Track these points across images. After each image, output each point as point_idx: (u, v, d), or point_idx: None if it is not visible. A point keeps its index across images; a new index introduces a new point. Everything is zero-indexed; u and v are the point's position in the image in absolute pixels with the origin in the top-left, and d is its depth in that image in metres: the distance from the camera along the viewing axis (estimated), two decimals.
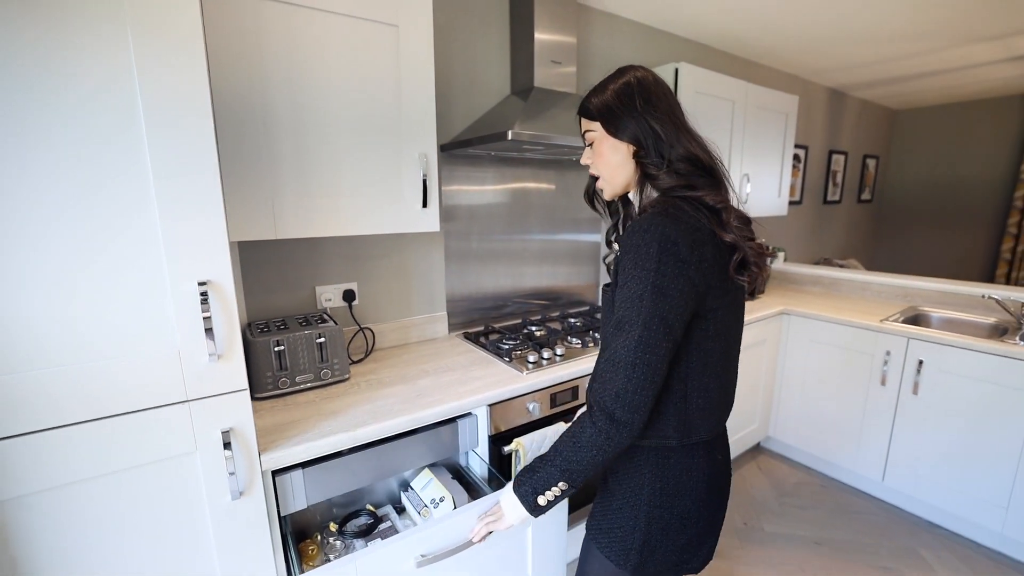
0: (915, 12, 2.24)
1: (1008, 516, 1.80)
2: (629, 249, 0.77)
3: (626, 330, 0.75)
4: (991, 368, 1.80)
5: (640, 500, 0.87)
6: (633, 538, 0.88)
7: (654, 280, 0.74)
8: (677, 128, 0.83)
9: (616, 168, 0.87)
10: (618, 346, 0.76)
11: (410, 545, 0.88)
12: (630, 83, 0.84)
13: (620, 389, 0.74)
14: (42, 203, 0.75)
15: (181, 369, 0.88)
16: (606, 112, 0.85)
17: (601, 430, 0.76)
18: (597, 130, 0.87)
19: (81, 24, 0.74)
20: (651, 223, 0.76)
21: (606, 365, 0.77)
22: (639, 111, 0.82)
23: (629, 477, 0.88)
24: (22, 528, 0.80)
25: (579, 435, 0.78)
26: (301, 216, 1.22)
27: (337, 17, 1.19)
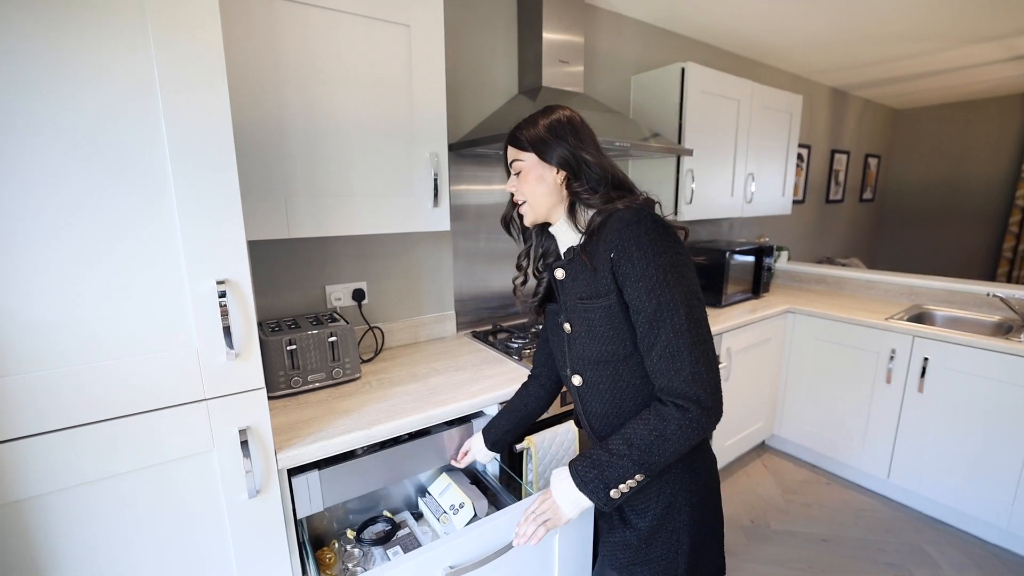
0: (917, 13, 2.24)
1: (1014, 513, 1.81)
2: (627, 245, 0.78)
3: (667, 316, 0.75)
4: (997, 366, 1.81)
5: (679, 523, 0.86)
6: (677, 565, 0.86)
7: (669, 259, 0.76)
8: (601, 160, 0.88)
9: (544, 195, 0.90)
10: (668, 333, 0.75)
11: (439, 556, 0.84)
12: (561, 120, 0.89)
13: (693, 372, 0.74)
14: (67, 204, 0.75)
15: (199, 368, 0.89)
16: (539, 143, 0.88)
17: (692, 419, 0.74)
18: (527, 159, 0.90)
19: (105, 28, 0.74)
20: (635, 215, 0.79)
21: (663, 356, 0.75)
22: (570, 144, 0.87)
23: (664, 508, 0.86)
24: (43, 527, 0.80)
25: (662, 428, 0.75)
26: (314, 215, 1.22)
27: (349, 17, 1.19)
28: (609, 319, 0.83)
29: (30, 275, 0.74)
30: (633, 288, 0.78)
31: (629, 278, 0.78)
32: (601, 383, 0.89)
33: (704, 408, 0.74)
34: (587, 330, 0.87)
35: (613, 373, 0.87)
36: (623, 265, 0.78)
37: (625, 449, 0.77)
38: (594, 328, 0.86)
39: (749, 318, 2.18)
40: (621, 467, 0.77)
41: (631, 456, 0.77)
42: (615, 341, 0.84)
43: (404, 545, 1.22)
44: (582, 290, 0.87)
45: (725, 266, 2.31)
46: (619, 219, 0.81)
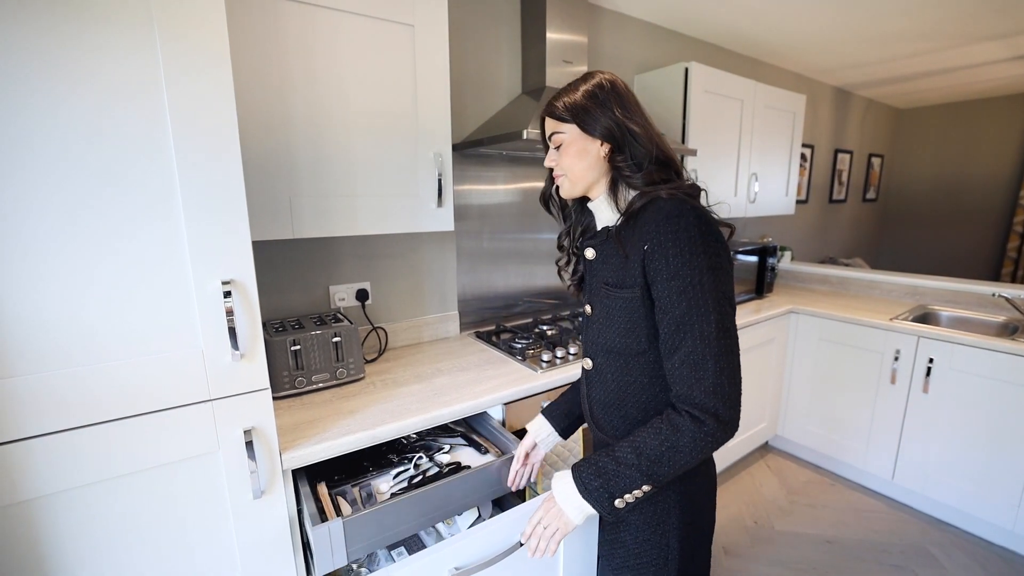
0: (920, 12, 2.23)
1: (1020, 515, 1.80)
2: (664, 239, 0.73)
3: (696, 321, 0.71)
4: (1002, 366, 1.80)
5: (669, 528, 0.84)
6: (667, 568, 0.85)
7: (707, 261, 0.71)
8: (649, 131, 0.82)
9: (586, 170, 0.84)
10: (694, 339, 0.71)
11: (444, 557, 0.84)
12: (603, 85, 0.82)
13: (715, 384, 0.70)
14: (71, 205, 0.75)
15: (204, 368, 0.89)
16: (581, 112, 0.82)
17: (708, 432, 0.70)
18: (567, 131, 0.84)
19: (110, 28, 0.74)
20: (680, 207, 0.74)
21: (685, 363, 0.72)
22: (615, 113, 0.80)
23: (653, 507, 0.84)
24: (49, 527, 0.80)
25: (675, 439, 0.71)
26: (318, 216, 1.22)
27: (353, 17, 1.19)
28: (629, 311, 0.79)
29: (35, 276, 0.74)
30: (664, 286, 0.73)
31: (661, 275, 0.73)
32: (608, 372, 0.86)
33: (722, 423, 0.70)
34: (605, 316, 0.84)
35: (622, 366, 0.84)
36: (656, 260, 0.73)
37: (633, 458, 0.74)
38: (612, 317, 0.82)
39: (752, 318, 2.18)
40: (628, 477, 0.74)
41: (639, 466, 0.73)
42: (630, 335, 0.80)
43: (408, 546, 1.22)
44: (609, 275, 0.83)
45: None
46: (659, 209, 0.76)
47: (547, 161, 0.89)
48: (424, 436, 1.33)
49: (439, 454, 1.23)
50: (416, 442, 1.30)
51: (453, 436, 1.33)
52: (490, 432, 1.31)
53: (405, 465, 1.19)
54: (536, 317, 2.05)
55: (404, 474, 1.16)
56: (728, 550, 1.91)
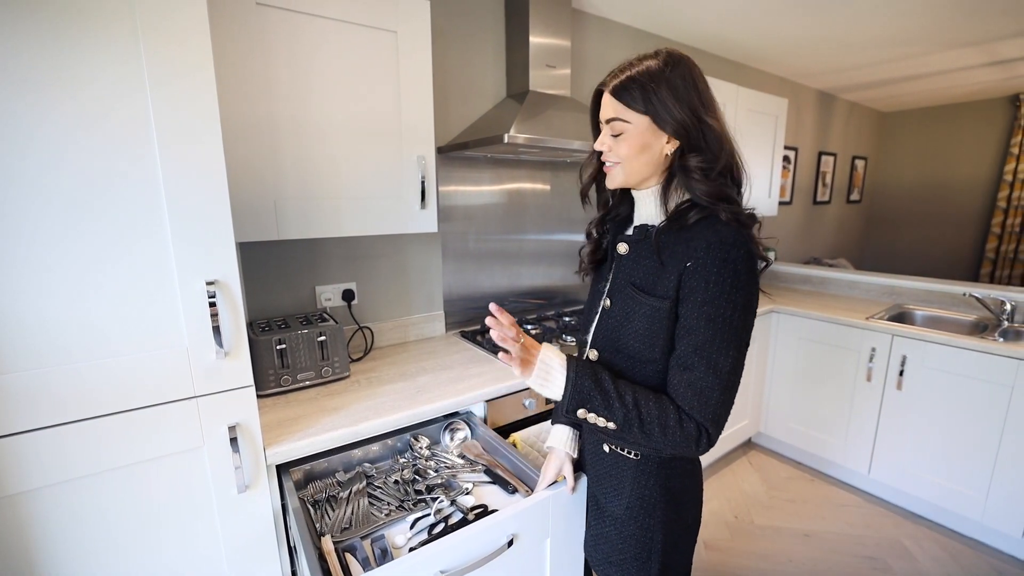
0: (899, 18, 2.30)
1: (987, 506, 1.87)
2: (710, 264, 0.70)
3: (714, 354, 0.71)
4: (971, 363, 1.86)
5: (654, 522, 0.84)
6: (651, 563, 0.85)
7: (744, 300, 0.71)
8: (723, 127, 0.76)
9: (645, 164, 0.77)
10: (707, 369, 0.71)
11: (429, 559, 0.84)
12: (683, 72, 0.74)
13: (716, 413, 0.72)
14: (57, 208, 0.77)
15: (189, 366, 0.91)
16: (655, 101, 0.73)
17: (696, 443, 0.73)
18: (635, 122, 0.75)
19: (95, 36, 0.77)
20: (736, 238, 0.71)
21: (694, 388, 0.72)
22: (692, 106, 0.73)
23: (640, 499, 0.84)
24: (37, 521, 0.83)
25: (670, 427, 0.73)
26: (303, 217, 1.25)
27: (338, 24, 1.22)
28: (651, 321, 0.77)
29: (24, 277, 0.77)
30: (695, 309, 0.72)
31: (696, 296, 0.72)
32: (612, 369, 0.84)
33: (709, 444, 0.74)
34: (624, 317, 0.82)
35: (628, 368, 0.82)
36: (695, 280, 0.72)
37: (630, 403, 0.74)
38: (632, 320, 0.80)
39: None
40: (611, 408, 0.74)
41: (627, 412, 0.74)
42: (645, 342, 0.79)
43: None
44: (639, 277, 0.80)
45: None
46: (715, 231, 0.72)
47: (598, 143, 0.81)
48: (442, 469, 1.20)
49: (461, 495, 1.09)
50: (435, 479, 1.15)
51: (475, 471, 1.19)
52: (513, 464, 1.17)
53: (424, 509, 1.05)
54: (522, 317, 2.09)
55: (423, 521, 1.02)
56: (708, 544, 1.96)
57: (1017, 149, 3.92)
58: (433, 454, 1.26)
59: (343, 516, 1.03)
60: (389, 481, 1.16)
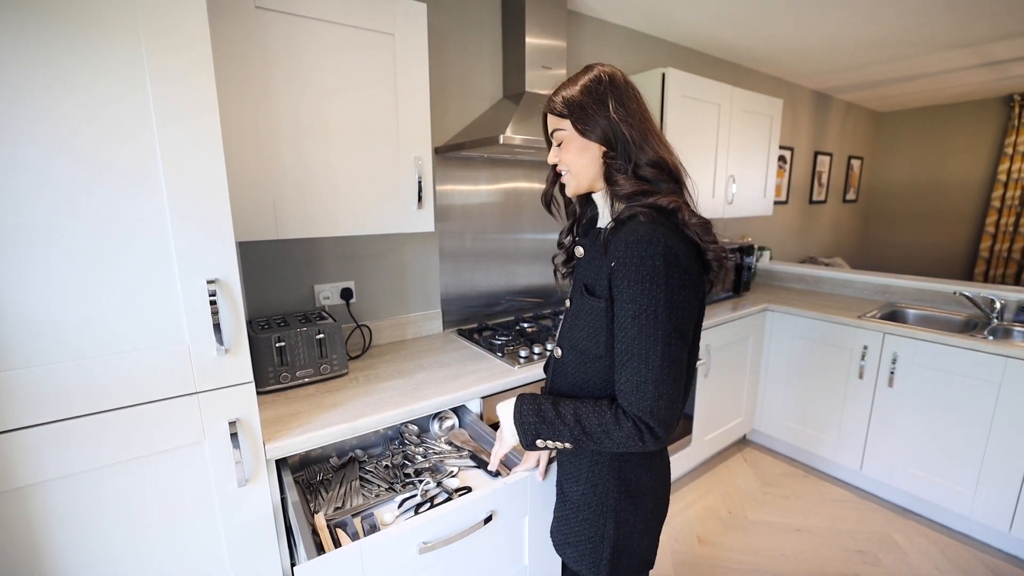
0: (893, 19, 2.32)
1: (975, 501, 1.90)
2: (631, 262, 0.74)
3: (642, 348, 0.74)
4: (960, 361, 1.89)
5: (606, 508, 0.88)
6: (603, 547, 0.89)
7: (665, 294, 0.73)
8: (647, 132, 0.81)
9: (587, 166, 0.85)
10: (639, 363, 0.75)
11: (413, 533, 0.91)
12: (601, 80, 0.81)
13: (652, 406, 0.75)
14: (59, 207, 0.80)
15: (190, 363, 0.94)
16: (578, 111, 0.82)
17: (641, 439, 0.76)
18: (567, 128, 0.84)
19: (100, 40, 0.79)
20: (651, 235, 0.74)
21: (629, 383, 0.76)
22: (610, 112, 0.79)
23: (593, 486, 0.89)
24: (43, 512, 0.85)
25: (613, 429, 0.77)
26: (301, 217, 1.27)
27: (335, 27, 1.24)
28: (593, 319, 0.83)
29: (27, 274, 0.79)
30: (621, 308, 0.77)
31: (621, 295, 0.76)
32: (570, 367, 0.90)
33: (655, 437, 0.76)
34: (575, 315, 0.88)
35: (583, 364, 0.88)
36: (619, 280, 0.76)
37: (572, 420, 0.80)
38: (580, 318, 0.87)
39: (729, 316, 2.25)
40: (558, 432, 0.82)
41: (572, 429, 0.80)
42: (591, 339, 0.84)
43: None
44: (589, 278, 0.86)
45: None
46: (632, 231, 0.76)
47: (550, 157, 0.90)
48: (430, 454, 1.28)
49: (447, 478, 1.17)
50: (422, 463, 1.23)
51: (461, 456, 1.27)
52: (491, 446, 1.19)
53: (411, 491, 1.13)
54: (518, 315, 2.11)
55: (410, 501, 1.09)
56: (702, 539, 1.98)
57: (1011, 149, 3.95)
58: (422, 441, 1.34)
59: (336, 496, 1.12)
60: (380, 466, 1.25)
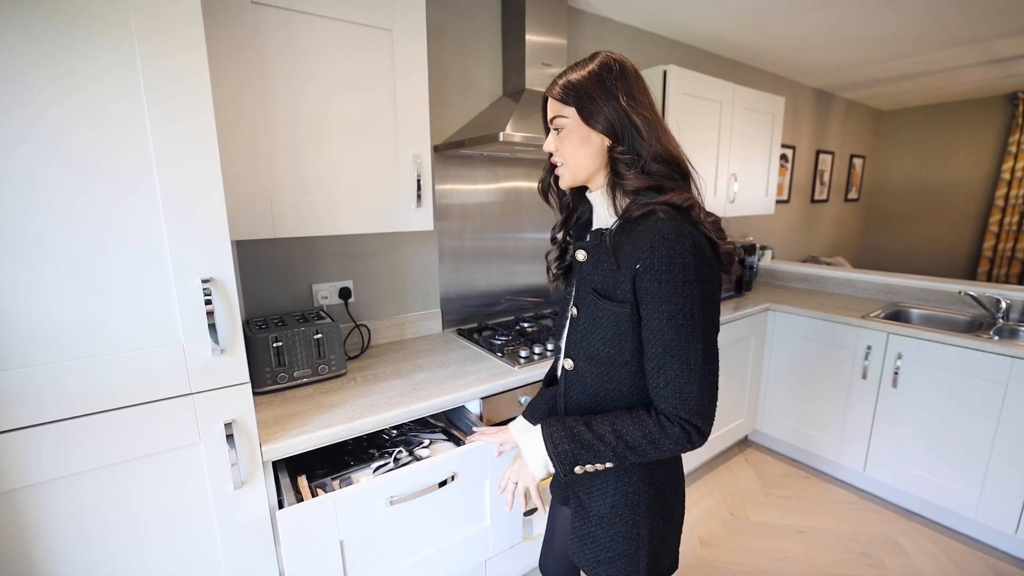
0: (895, 16, 2.30)
1: (981, 503, 1.88)
2: (658, 263, 0.72)
3: (683, 348, 0.73)
4: (965, 361, 1.87)
5: (639, 518, 0.85)
6: (639, 558, 0.85)
7: (700, 290, 0.72)
8: (656, 125, 0.78)
9: (586, 159, 0.81)
10: (680, 365, 0.73)
11: (383, 486, 1.06)
12: (611, 68, 0.77)
13: (699, 405, 0.74)
14: (52, 205, 0.78)
15: (185, 363, 0.92)
16: (584, 98, 0.77)
17: (690, 441, 0.74)
18: (570, 116, 0.80)
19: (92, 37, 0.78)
20: (678, 232, 0.72)
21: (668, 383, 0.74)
22: (620, 102, 0.76)
23: (624, 496, 0.85)
24: (35, 515, 0.84)
25: (658, 438, 0.75)
26: (298, 215, 1.26)
27: (333, 22, 1.22)
28: (616, 324, 0.78)
29: (20, 274, 0.77)
30: (654, 310, 0.73)
31: (652, 297, 0.73)
32: (589, 377, 0.85)
33: (702, 435, 0.75)
34: (592, 324, 0.82)
35: (604, 373, 0.83)
36: (648, 282, 0.73)
37: (612, 438, 0.77)
38: (599, 325, 0.81)
39: (731, 315, 2.24)
40: (599, 452, 0.78)
41: (615, 447, 0.77)
42: (615, 346, 0.80)
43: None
44: (599, 282, 0.81)
45: None
46: (656, 229, 0.73)
47: (546, 145, 0.86)
48: (406, 432, 1.38)
49: (419, 449, 1.28)
50: (397, 437, 1.36)
51: (434, 431, 1.39)
52: (468, 427, 1.35)
53: (385, 459, 1.23)
54: (518, 315, 2.10)
55: (383, 468, 1.20)
56: (704, 541, 1.97)
57: (1015, 147, 3.93)
58: None
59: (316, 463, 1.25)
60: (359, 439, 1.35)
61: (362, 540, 1.07)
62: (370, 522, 1.06)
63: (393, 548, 1.13)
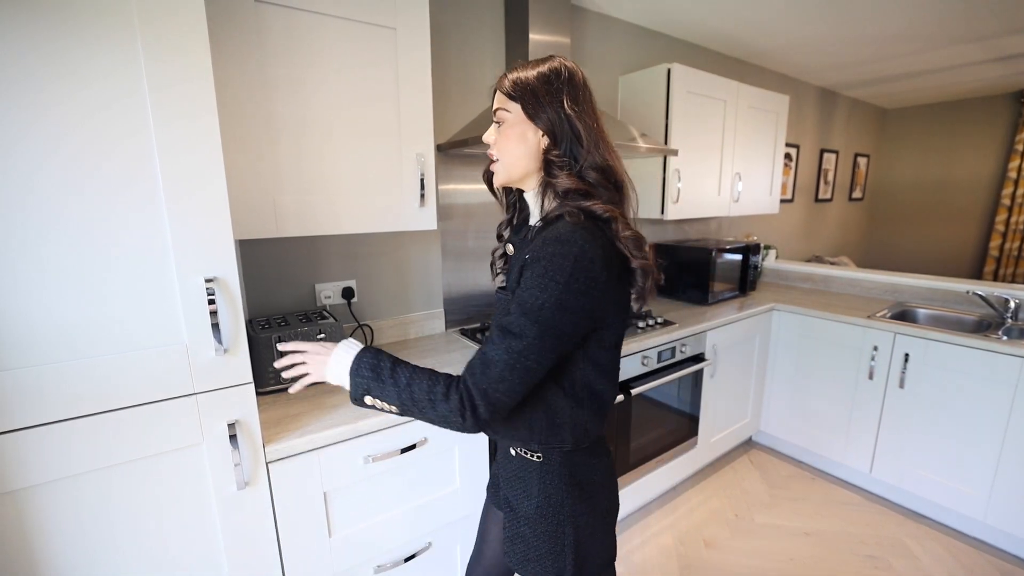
0: (901, 14, 2.28)
1: (989, 506, 1.86)
2: (543, 256, 0.74)
3: (516, 334, 0.73)
4: (974, 362, 1.85)
5: (563, 517, 0.86)
6: (564, 556, 0.87)
7: (560, 295, 0.72)
8: (598, 134, 0.80)
9: (521, 158, 0.82)
10: (500, 346, 0.74)
11: (359, 447, 1.17)
12: (560, 72, 0.79)
13: (490, 385, 0.73)
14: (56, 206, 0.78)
15: (188, 363, 0.92)
16: (529, 95, 0.78)
17: (459, 413, 0.74)
18: (513, 112, 0.81)
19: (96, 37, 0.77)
20: (572, 236, 0.73)
21: (483, 359, 0.75)
22: (564, 106, 0.77)
23: (547, 497, 0.87)
24: (38, 515, 0.83)
25: (437, 401, 0.75)
26: (301, 215, 1.25)
27: (336, 20, 1.22)
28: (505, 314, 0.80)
29: (23, 273, 0.77)
30: (518, 294, 0.75)
31: (523, 284, 0.75)
32: None
33: (478, 420, 0.74)
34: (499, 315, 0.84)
35: None
36: (527, 272, 0.75)
37: (404, 384, 0.77)
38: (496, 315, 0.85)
39: (735, 315, 2.22)
40: (389, 393, 0.78)
41: (400, 395, 0.77)
42: None
43: None
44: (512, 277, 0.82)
45: (711, 264, 2.34)
46: (555, 228, 0.76)
47: (486, 136, 0.87)
48: None
49: None
50: None
51: None
52: None
53: None
54: None
55: None
56: (709, 542, 1.95)
57: (1022, 146, 3.90)
58: None
59: None
60: None
61: (343, 493, 1.18)
62: (350, 478, 1.17)
63: (371, 503, 1.22)
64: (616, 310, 0.80)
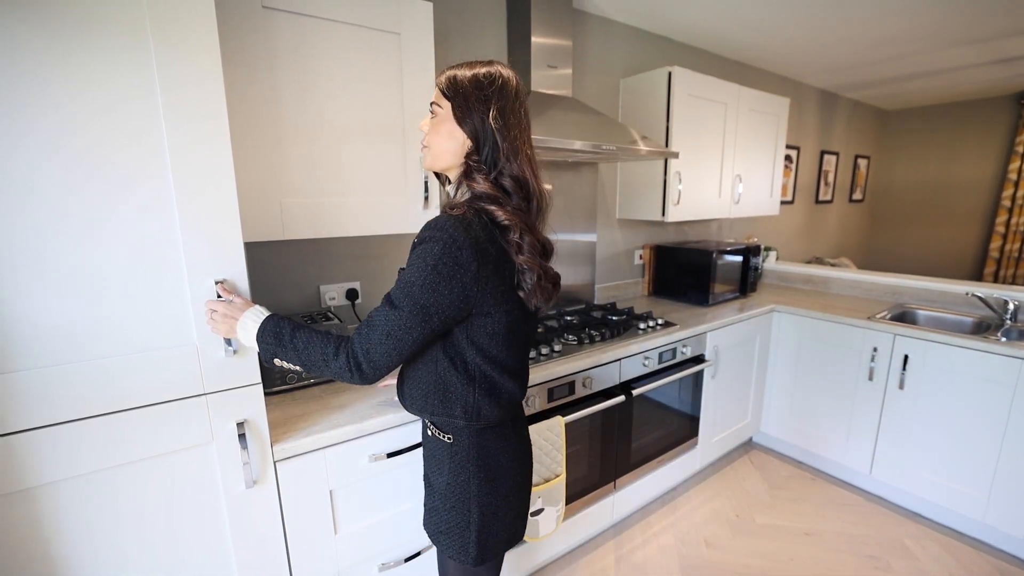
0: (901, 16, 2.30)
1: (989, 506, 1.87)
2: (421, 240, 0.82)
3: (393, 305, 0.83)
4: (973, 363, 1.86)
5: (469, 496, 0.95)
6: (468, 532, 0.96)
7: (429, 275, 0.80)
8: (518, 149, 0.85)
9: (447, 152, 0.88)
10: (382, 313, 0.84)
11: (362, 447, 1.19)
12: (495, 79, 0.83)
13: (371, 349, 0.83)
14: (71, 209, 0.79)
15: (199, 364, 0.93)
16: (459, 98, 0.83)
17: (347, 369, 0.85)
18: (445, 109, 0.86)
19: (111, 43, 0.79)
20: (444, 224, 0.81)
21: (368, 322, 0.85)
22: (488, 117, 0.82)
23: (456, 475, 0.95)
24: (51, 513, 0.85)
25: (329, 359, 0.85)
26: (308, 217, 1.27)
27: (342, 26, 1.24)
28: None
29: (39, 276, 0.79)
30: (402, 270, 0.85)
31: (407, 262, 0.85)
32: None
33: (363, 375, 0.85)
34: None
35: None
36: (411, 252, 0.84)
37: (302, 347, 0.87)
38: None
39: (735, 317, 2.24)
40: (291, 356, 0.88)
41: (300, 356, 0.87)
42: None
43: None
44: None
45: (712, 266, 2.36)
46: (436, 218, 0.83)
47: (422, 123, 0.92)
48: None
49: None
50: None
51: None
52: None
53: None
54: None
55: None
56: (709, 542, 1.97)
57: (1022, 147, 3.91)
58: None
59: None
60: None
61: (349, 491, 1.20)
62: (355, 476, 1.19)
63: (376, 501, 1.25)
64: (497, 301, 0.86)
